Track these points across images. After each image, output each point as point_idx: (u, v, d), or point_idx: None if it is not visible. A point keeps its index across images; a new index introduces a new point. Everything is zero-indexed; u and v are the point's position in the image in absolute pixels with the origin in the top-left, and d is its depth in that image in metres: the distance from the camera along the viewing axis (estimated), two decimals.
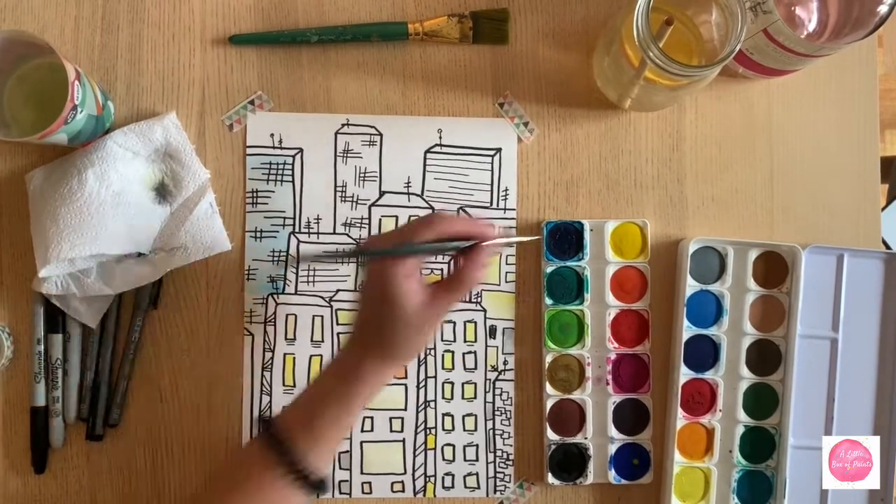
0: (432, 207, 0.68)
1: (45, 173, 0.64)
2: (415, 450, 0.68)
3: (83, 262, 0.61)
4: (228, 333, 0.67)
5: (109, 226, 0.61)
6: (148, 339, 0.66)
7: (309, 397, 0.56)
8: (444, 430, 0.68)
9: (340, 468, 0.67)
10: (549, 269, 0.67)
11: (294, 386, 0.67)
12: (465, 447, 0.68)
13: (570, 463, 0.67)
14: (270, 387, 0.67)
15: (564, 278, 0.68)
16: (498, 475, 0.68)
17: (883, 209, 1.05)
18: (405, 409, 0.68)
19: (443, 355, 0.68)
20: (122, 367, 0.65)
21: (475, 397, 0.68)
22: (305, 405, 0.56)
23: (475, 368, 0.68)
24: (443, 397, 0.68)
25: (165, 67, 0.67)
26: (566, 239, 0.67)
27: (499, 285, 0.68)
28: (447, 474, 0.68)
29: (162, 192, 0.65)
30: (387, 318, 0.54)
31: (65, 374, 0.65)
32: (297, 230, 0.67)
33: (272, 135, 0.67)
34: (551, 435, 0.67)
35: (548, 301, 0.67)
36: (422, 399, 0.68)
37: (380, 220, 0.68)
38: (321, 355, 0.67)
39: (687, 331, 0.67)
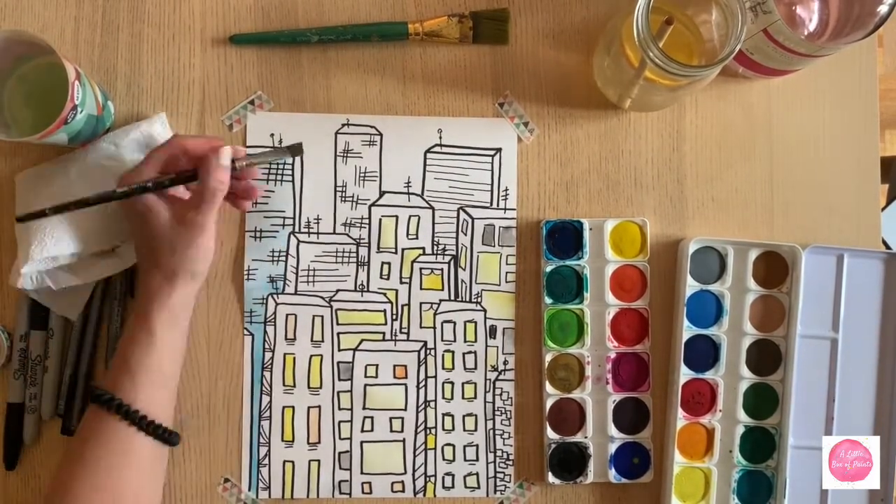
0: (432, 207, 0.68)
1: (33, 174, 0.64)
2: (415, 450, 0.68)
3: (65, 258, 0.62)
4: (228, 333, 0.67)
5: (93, 223, 0.61)
6: None
7: (120, 344, 0.59)
8: (444, 430, 0.68)
9: (340, 468, 0.67)
10: (548, 269, 0.67)
11: (294, 385, 0.67)
12: (465, 447, 0.68)
13: (570, 462, 0.67)
14: (270, 387, 0.67)
15: (564, 277, 0.68)
16: (498, 475, 0.68)
17: (883, 209, 1.05)
18: (405, 409, 0.68)
19: (443, 355, 0.68)
20: (105, 359, 0.65)
21: (475, 397, 0.68)
22: (119, 353, 0.58)
23: (475, 368, 0.68)
24: (443, 397, 0.68)
25: (165, 67, 0.67)
26: (565, 238, 0.67)
27: (499, 285, 0.68)
28: (447, 474, 0.68)
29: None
30: (145, 236, 0.59)
31: (44, 370, 0.65)
32: (296, 230, 0.67)
33: (272, 135, 0.67)
34: (551, 434, 0.67)
35: (547, 300, 0.67)
36: (422, 399, 0.68)
37: (380, 220, 0.68)
38: (321, 355, 0.67)
39: (687, 331, 0.67)
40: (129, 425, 0.56)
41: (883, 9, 0.58)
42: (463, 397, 0.68)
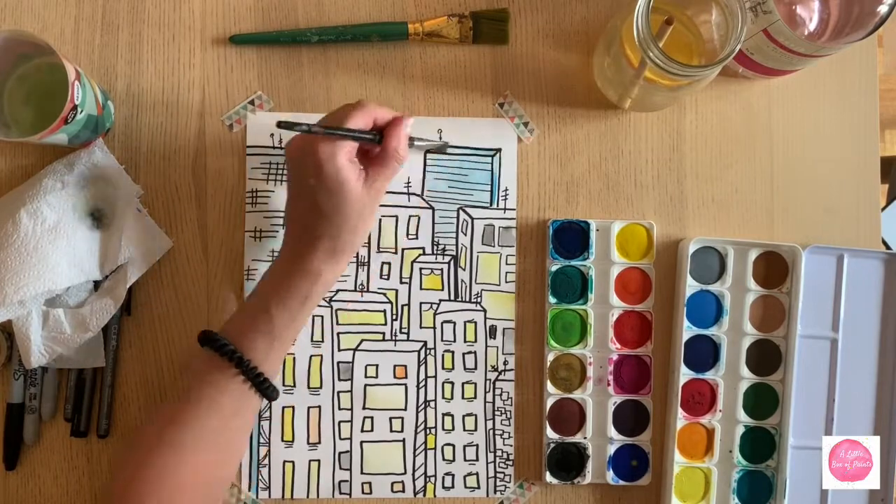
0: (432, 207, 0.68)
1: None
2: (415, 450, 0.68)
3: (33, 301, 0.61)
4: None
5: (51, 261, 0.60)
6: (147, 339, 0.66)
7: (263, 301, 0.57)
8: (444, 429, 0.68)
9: (340, 468, 0.67)
10: (553, 268, 0.67)
11: (294, 385, 0.67)
12: (465, 447, 0.68)
13: (568, 462, 0.67)
14: None
15: (569, 277, 0.68)
16: (498, 475, 0.68)
17: (883, 209, 1.05)
18: (405, 409, 0.68)
19: (443, 355, 0.68)
20: (104, 376, 0.65)
21: (475, 397, 0.68)
22: (259, 309, 0.57)
23: (475, 368, 0.68)
24: (443, 397, 0.68)
25: (165, 67, 0.67)
26: (571, 238, 0.67)
27: (499, 285, 0.68)
28: (447, 474, 0.68)
29: (97, 216, 0.64)
30: (334, 206, 0.55)
31: (44, 370, 0.65)
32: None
33: (272, 135, 0.67)
34: (550, 434, 0.67)
35: (551, 300, 0.67)
36: (422, 399, 0.68)
37: (380, 220, 0.68)
38: (321, 355, 0.67)
39: (687, 331, 0.67)
40: (250, 388, 0.56)
41: (883, 9, 0.58)
42: (463, 397, 0.68)
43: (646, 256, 0.68)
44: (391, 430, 0.68)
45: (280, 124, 0.53)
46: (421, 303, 0.68)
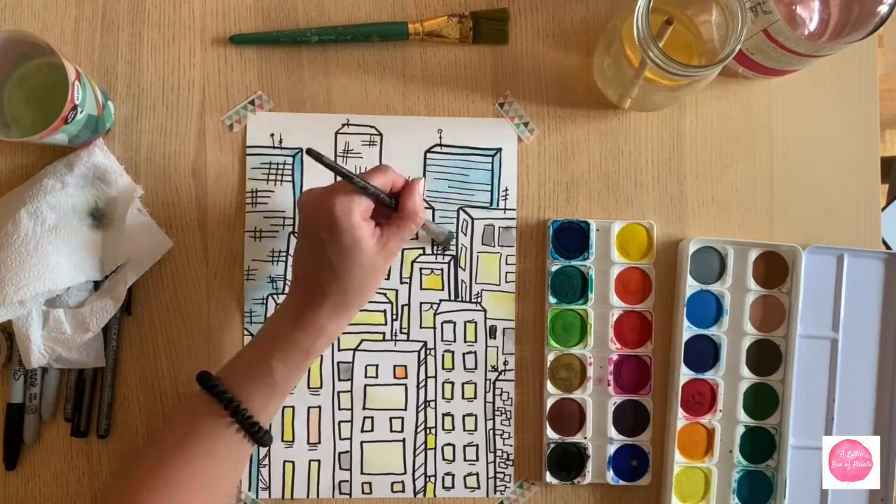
0: (432, 207, 0.68)
1: None
2: (415, 450, 0.68)
3: (33, 301, 0.61)
4: (228, 333, 0.67)
5: (51, 261, 0.60)
6: (147, 339, 0.66)
7: (265, 351, 0.56)
8: (444, 429, 0.68)
9: (340, 468, 0.67)
10: (553, 268, 0.67)
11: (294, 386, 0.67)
12: (465, 447, 0.68)
13: (568, 462, 0.67)
14: None
15: (569, 277, 0.68)
16: (498, 475, 0.68)
17: (883, 209, 1.05)
18: (405, 409, 0.68)
19: (443, 355, 0.68)
20: (104, 376, 0.65)
21: (475, 397, 0.68)
22: (261, 359, 0.56)
23: (475, 368, 0.68)
24: (443, 397, 0.68)
25: (165, 67, 0.67)
26: (571, 238, 0.67)
27: (499, 285, 0.68)
28: (447, 474, 0.68)
29: (98, 216, 0.64)
30: (346, 264, 0.54)
31: (45, 370, 0.64)
32: (296, 230, 0.67)
33: (272, 135, 0.67)
34: (551, 434, 0.67)
35: (551, 300, 0.67)
36: (422, 399, 0.68)
37: None
38: (321, 355, 0.67)
39: (687, 331, 0.67)
40: (244, 436, 0.55)
41: (883, 9, 0.58)
42: (463, 397, 0.68)
43: (646, 256, 0.68)
44: (391, 430, 0.68)
45: (309, 151, 0.53)
46: (421, 303, 0.68)
